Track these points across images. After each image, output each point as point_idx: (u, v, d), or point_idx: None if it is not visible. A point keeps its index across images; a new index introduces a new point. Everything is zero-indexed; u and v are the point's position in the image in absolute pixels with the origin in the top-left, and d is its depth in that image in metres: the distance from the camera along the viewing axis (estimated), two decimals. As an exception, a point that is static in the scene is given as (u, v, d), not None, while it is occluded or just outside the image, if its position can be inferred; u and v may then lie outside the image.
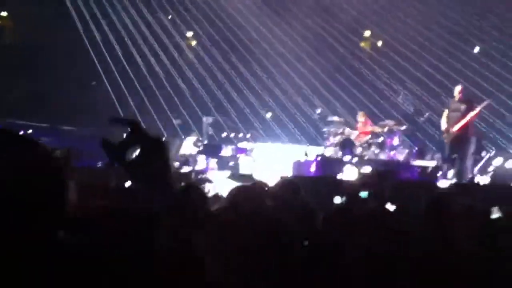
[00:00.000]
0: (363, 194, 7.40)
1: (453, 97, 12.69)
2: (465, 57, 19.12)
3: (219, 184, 10.47)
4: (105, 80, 20.11)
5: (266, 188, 4.46)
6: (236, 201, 4.10)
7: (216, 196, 8.56)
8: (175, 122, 18.83)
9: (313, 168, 13.67)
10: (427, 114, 15.78)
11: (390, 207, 5.79)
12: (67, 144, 16.11)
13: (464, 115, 12.23)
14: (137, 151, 1.75)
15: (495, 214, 5.51)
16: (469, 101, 12.46)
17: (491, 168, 12.82)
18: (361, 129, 14.94)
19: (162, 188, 1.84)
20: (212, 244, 2.21)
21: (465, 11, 19.96)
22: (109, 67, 20.36)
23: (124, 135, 1.77)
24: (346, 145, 14.35)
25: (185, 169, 15.48)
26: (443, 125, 12.68)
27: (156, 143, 1.81)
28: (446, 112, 12.69)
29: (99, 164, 15.68)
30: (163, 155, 1.81)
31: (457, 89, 12.51)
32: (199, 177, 10.95)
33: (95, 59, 20.28)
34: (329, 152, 14.61)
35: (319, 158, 13.86)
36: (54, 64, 18.41)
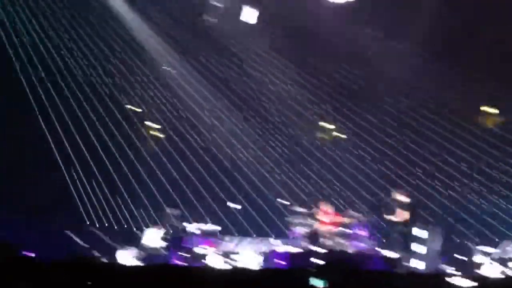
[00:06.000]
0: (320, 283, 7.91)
1: None
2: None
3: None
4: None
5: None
6: None
7: None
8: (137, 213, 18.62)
9: (282, 261, 13.58)
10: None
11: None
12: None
13: None
14: None
15: None
16: None
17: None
18: (328, 219, 14.93)
19: None
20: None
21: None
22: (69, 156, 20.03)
23: None
24: (313, 237, 14.34)
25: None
26: None
27: None
28: None
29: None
30: None
31: None
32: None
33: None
34: (296, 243, 14.56)
35: (287, 251, 13.86)
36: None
